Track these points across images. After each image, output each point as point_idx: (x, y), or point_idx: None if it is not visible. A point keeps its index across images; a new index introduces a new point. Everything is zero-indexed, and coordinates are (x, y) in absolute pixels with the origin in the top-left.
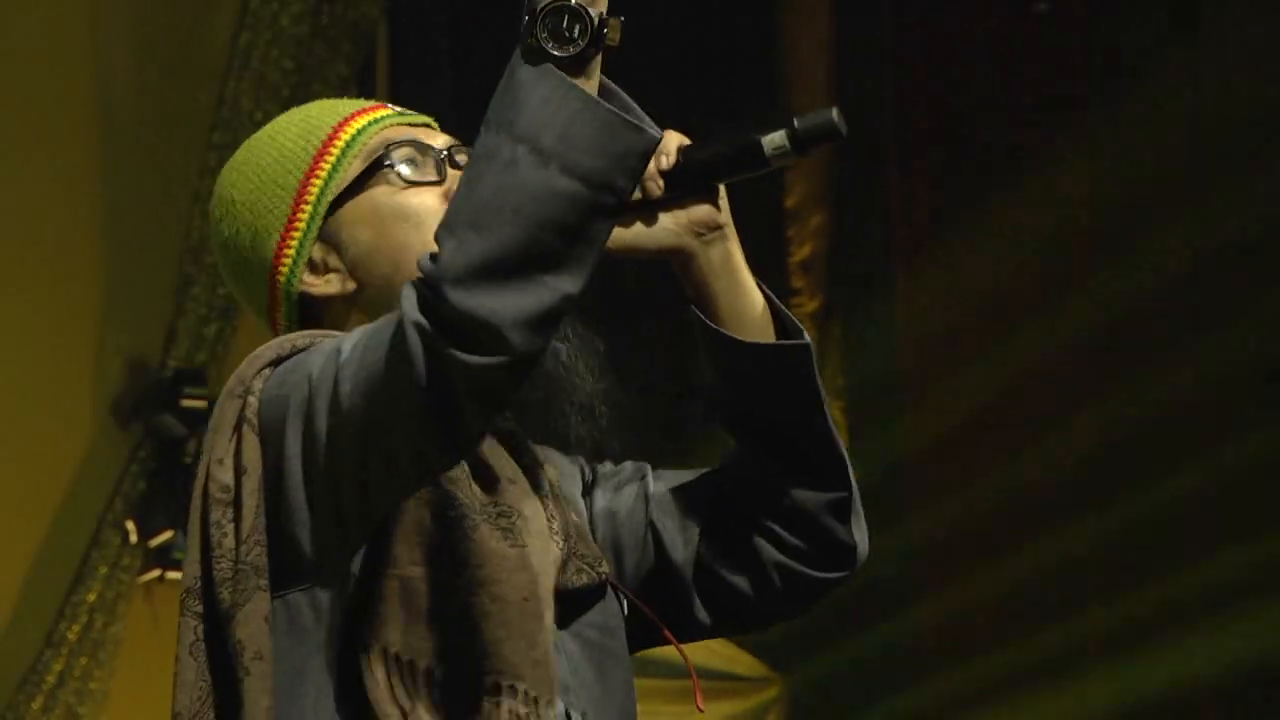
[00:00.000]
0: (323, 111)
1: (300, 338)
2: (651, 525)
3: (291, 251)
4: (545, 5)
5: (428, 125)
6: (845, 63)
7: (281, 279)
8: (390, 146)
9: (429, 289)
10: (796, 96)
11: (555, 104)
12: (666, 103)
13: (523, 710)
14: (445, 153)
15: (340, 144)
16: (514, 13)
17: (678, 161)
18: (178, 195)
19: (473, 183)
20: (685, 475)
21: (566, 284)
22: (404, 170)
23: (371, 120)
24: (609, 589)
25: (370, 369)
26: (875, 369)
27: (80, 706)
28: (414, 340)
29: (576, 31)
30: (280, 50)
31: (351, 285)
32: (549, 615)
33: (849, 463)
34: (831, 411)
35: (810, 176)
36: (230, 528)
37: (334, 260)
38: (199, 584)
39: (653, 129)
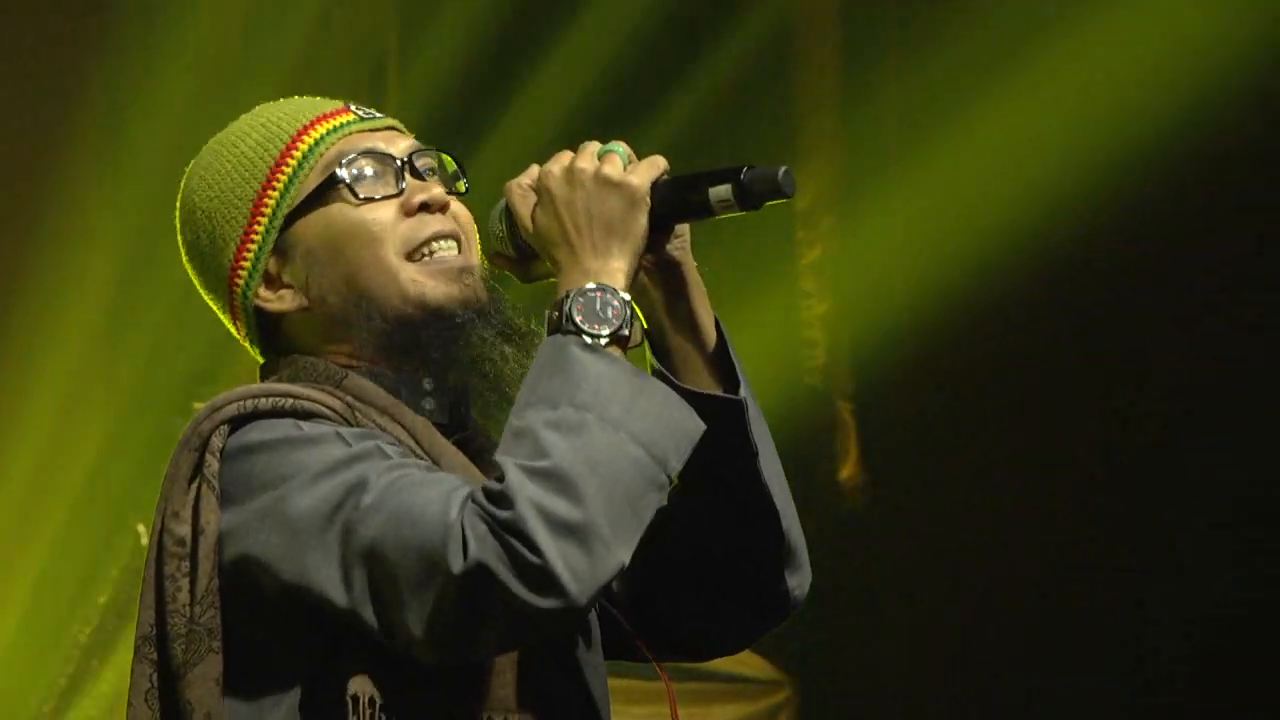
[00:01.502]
0: (283, 117)
1: (263, 396)
2: None
3: (248, 264)
4: (578, 289)
5: (392, 128)
6: (853, 63)
7: (238, 291)
8: (346, 160)
9: (511, 533)
10: (807, 97)
11: (614, 379)
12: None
13: None
14: (405, 160)
15: (298, 155)
16: (526, 20)
17: None
18: None
19: (541, 443)
20: None
21: (624, 554)
22: (359, 185)
23: (330, 129)
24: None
25: (398, 564)
26: (885, 367)
27: (92, 709)
28: (473, 570)
29: (610, 313)
30: (291, 52)
31: (304, 302)
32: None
33: (785, 512)
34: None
35: (821, 179)
36: (185, 583)
37: (288, 275)
38: (154, 632)
39: (698, 418)
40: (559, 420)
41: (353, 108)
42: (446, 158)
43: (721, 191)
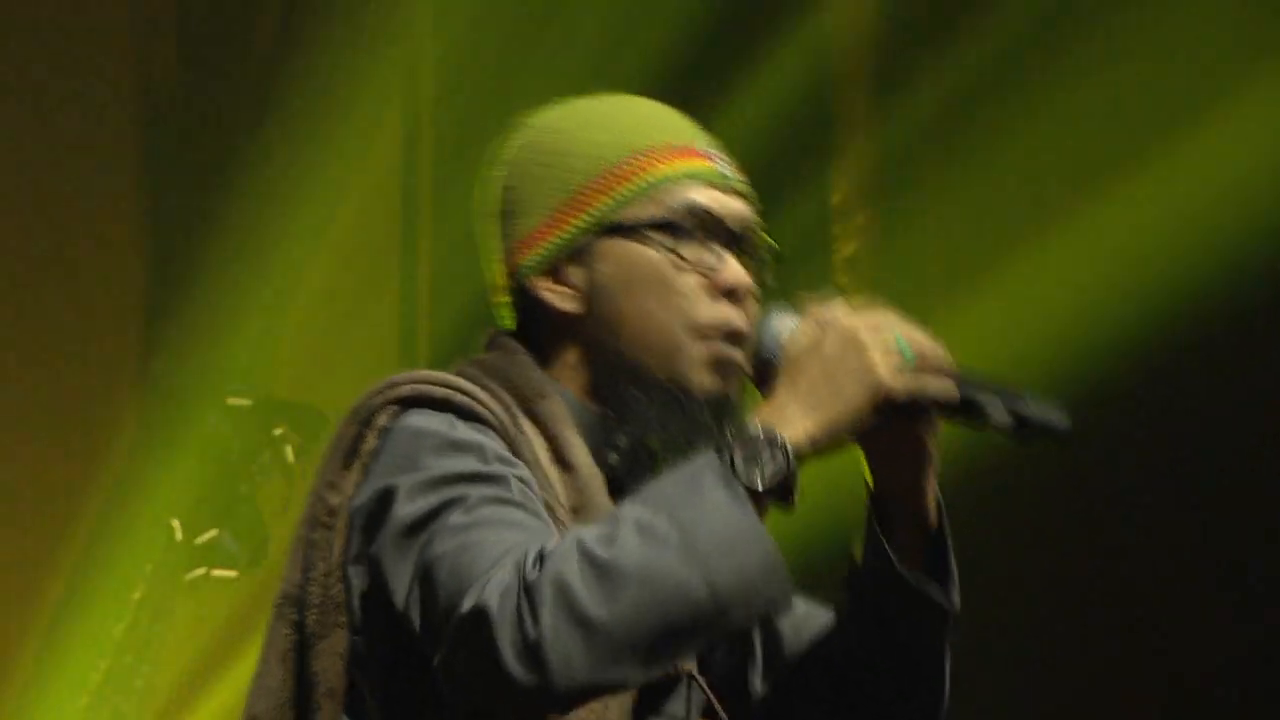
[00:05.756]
0: (645, 124)
1: (438, 385)
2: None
3: (543, 246)
4: (749, 434)
5: (738, 191)
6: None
7: (518, 264)
8: (690, 213)
9: (526, 595)
10: (841, 90)
11: (724, 521)
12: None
13: None
14: (737, 234)
15: (646, 177)
16: (558, 13)
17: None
18: (223, 193)
19: (617, 533)
20: (797, 608)
21: (630, 675)
22: (685, 246)
23: (692, 171)
24: (690, 681)
25: (442, 586)
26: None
27: (126, 704)
28: (471, 613)
29: (765, 470)
30: (325, 47)
31: (577, 310)
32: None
33: (946, 692)
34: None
35: (855, 173)
36: (326, 553)
37: (579, 280)
38: (298, 593)
39: (791, 593)
40: (648, 524)
41: (714, 154)
42: (769, 239)
43: (1001, 418)
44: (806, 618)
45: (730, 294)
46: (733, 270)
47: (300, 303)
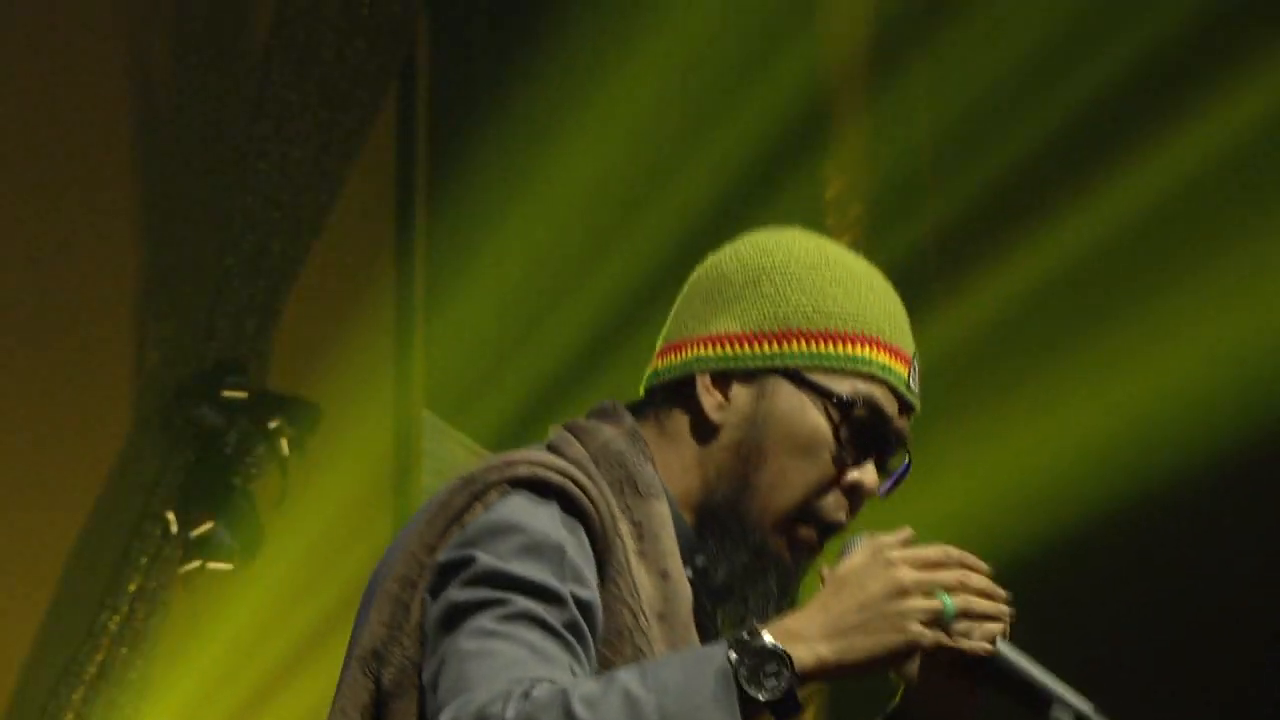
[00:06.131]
0: (876, 306)
1: (556, 472)
2: None
3: (728, 351)
4: (762, 644)
5: (910, 406)
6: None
7: (697, 354)
8: (867, 406)
9: None
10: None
11: None
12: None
13: None
14: (889, 445)
15: (853, 354)
16: (555, 9)
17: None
18: (218, 187)
19: (606, 699)
20: None
21: None
22: (846, 433)
23: (885, 371)
24: None
25: (445, 687)
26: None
27: (121, 697)
28: None
29: (767, 685)
30: (321, 42)
31: (719, 425)
32: None
33: None
34: None
35: (850, 168)
36: (411, 613)
37: (741, 400)
38: (381, 649)
39: None
40: (636, 699)
41: (912, 363)
42: (908, 455)
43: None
44: None
45: (852, 493)
46: (868, 475)
47: (296, 295)
